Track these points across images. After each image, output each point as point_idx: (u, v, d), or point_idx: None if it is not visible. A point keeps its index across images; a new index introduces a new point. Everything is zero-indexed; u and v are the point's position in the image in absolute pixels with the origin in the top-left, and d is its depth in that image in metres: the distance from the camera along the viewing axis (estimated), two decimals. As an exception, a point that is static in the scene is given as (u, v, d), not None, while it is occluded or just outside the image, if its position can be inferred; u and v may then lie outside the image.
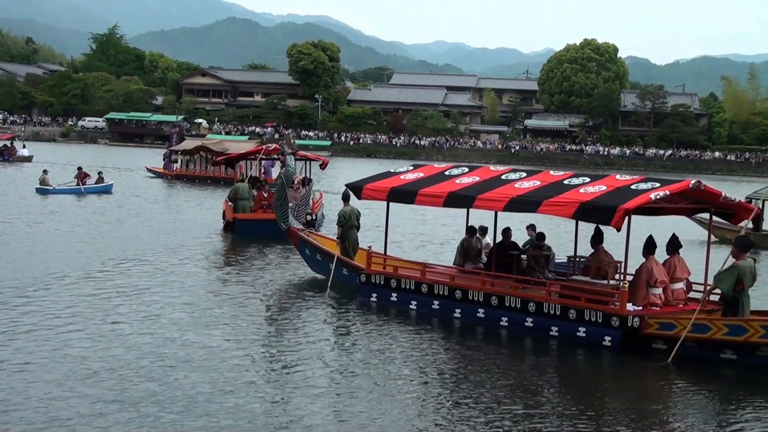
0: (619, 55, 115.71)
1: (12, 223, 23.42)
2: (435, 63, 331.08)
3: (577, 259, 14.78)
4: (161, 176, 46.27)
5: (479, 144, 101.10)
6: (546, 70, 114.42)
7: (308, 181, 27.86)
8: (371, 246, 15.64)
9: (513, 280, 13.60)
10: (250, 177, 27.77)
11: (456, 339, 12.71)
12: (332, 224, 21.00)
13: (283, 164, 17.65)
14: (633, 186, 12.45)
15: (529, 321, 12.84)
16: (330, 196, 31.57)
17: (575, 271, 14.39)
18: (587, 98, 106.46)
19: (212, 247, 21.30)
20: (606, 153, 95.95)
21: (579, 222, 14.16)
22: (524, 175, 13.92)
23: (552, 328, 12.54)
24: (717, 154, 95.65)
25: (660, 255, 13.06)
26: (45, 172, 34.46)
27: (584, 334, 12.17)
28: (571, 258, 14.85)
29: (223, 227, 24.16)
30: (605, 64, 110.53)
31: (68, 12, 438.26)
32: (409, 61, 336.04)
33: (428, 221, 28.74)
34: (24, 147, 55.98)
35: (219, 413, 8.74)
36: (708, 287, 12.53)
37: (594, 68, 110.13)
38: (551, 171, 14.18)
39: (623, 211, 11.62)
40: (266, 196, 24.11)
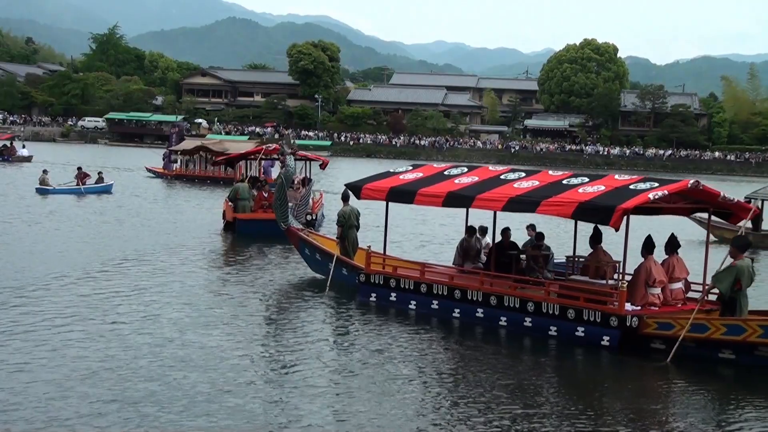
0: (619, 55, 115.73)
1: (12, 223, 23.44)
2: (435, 63, 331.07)
3: (576, 259, 14.80)
4: (161, 176, 46.30)
5: (479, 144, 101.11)
6: (546, 70, 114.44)
7: (308, 181, 27.88)
8: (370, 246, 15.66)
9: (512, 280, 13.63)
10: (250, 177, 27.79)
11: (455, 339, 12.73)
12: (332, 224, 21.02)
13: (283, 164, 17.68)
14: (631, 186, 12.46)
15: (528, 321, 12.86)
16: (330, 196, 31.59)
17: (574, 271, 14.41)
18: (587, 98, 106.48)
19: (212, 247, 21.32)
20: (606, 153, 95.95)
21: (578, 222, 14.18)
22: (523, 175, 13.94)
23: (551, 328, 12.56)
24: (717, 154, 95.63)
25: (659, 255, 13.08)
26: (45, 172, 34.46)
27: (583, 334, 12.19)
28: (570, 258, 14.86)
29: (224, 227, 24.19)
30: (605, 64, 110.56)
31: (68, 12, 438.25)
32: (409, 61, 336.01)
33: (428, 221, 28.76)
34: (24, 147, 55.98)
35: (218, 413, 8.76)
36: (706, 287, 12.55)
37: (594, 68, 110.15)
38: (550, 171, 14.20)
39: (621, 211, 11.64)
40: (266, 196, 24.14)
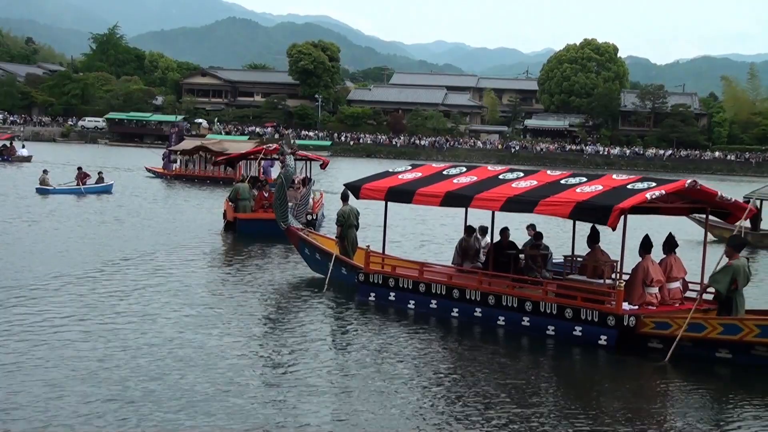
0: (619, 55, 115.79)
1: (12, 223, 23.47)
2: (435, 63, 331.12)
3: (575, 259, 14.82)
4: (160, 176, 46.33)
5: (479, 144, 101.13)
6: (546, 70, 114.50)
7: (308, 181, 27.91)
8: (369, 245, 15.70)
9: (510, 280, 13.66)
10: (251, 177, 27.82)
11: (453, 338, 12.76)
12: (332, 224, 21.05)
13: (283, 164, 17.73)
14: (629, 186, 12.49)
15: (526, 320, 12.90)
16: (330, 196, 31.62)
17: (572, 271, 14.44)
18: (587, 98, 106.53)
19: (212, 247, 21.36)
20: (606, 153, 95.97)
21: (576, 221, 14.21)
22: (521, 175, 13.97)
23: (548, 328, 12.60)
24: (717, 154, 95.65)
25: (657, 254, 13.11)
26: (45, 172, 34.49)
27: (580, 334, 12.22)
28: (568, 257, 14.90)
29: (224, 227, 24.22)
30: (605, 64, 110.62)
31: (68, 12, 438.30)
32: (409, 61, 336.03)
33: (428, 221, 28.79)
34: (23, 147, 56.02)
35: (217, 412, 8.79)
36: (704, 285, 12.57)
37: (594, 68, 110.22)
38: (548, 171, 14.23)
39: (619, 211, 11.67)
40: (266, 196, 24.18)
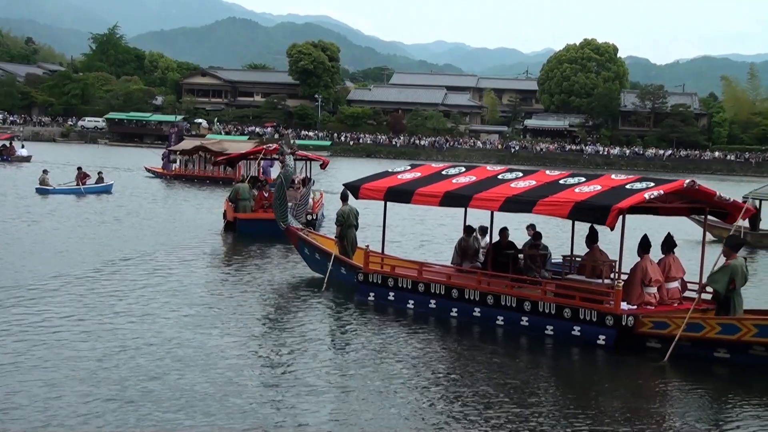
0: (619, 55, 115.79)
1: (12, 223, 23.49)
2: (435, 63, 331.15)
3: (573, 259, 14.84)
4: (160, 176, 46.35)
5: (479, 144, 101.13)
6: (546, 70, 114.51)
7: (308, 181, 27.93)
8: (369, 245, 15.72)
9: (509, 279, 13.68)
10: (251, 177, 27.85)
11: (452, 338, 12.79)
12: (332, 224, 21.08)
13: (283, 164, 17.76)
14: (627, 186, 12.52)
15: (525, 320, 12.92)
16: (330, 196, 31.63)
17: (571, 271, 14.46)
18: (587, 98, 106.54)
19: (212, 247, 21.38)
20: (606, 153, 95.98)
21: (576, 221, 14.23)
22: (520, 175, 14.00)
23: (547, 327, 12.62)
24: (717, 154, 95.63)
25: (656, 254, 13.13)
26: (45, 172, 34.50)
27: (579, 333, 12.25)
28: (567, 257, 14.92)
29: (224, 227, 24.24)
30: (605, 64, 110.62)
31: (68, 12, 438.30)
32: (409, 61, 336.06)
33: (428, 221, 28.82)
34: (23, 147, 56.04)
35: (217, 412, 8.81)
36: (702, 286, 12.59)
37: (594, 68, 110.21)
38: (547, 171, 14.25)
39: (617, 211, 11.69)
40: (266, 196, 24.20)
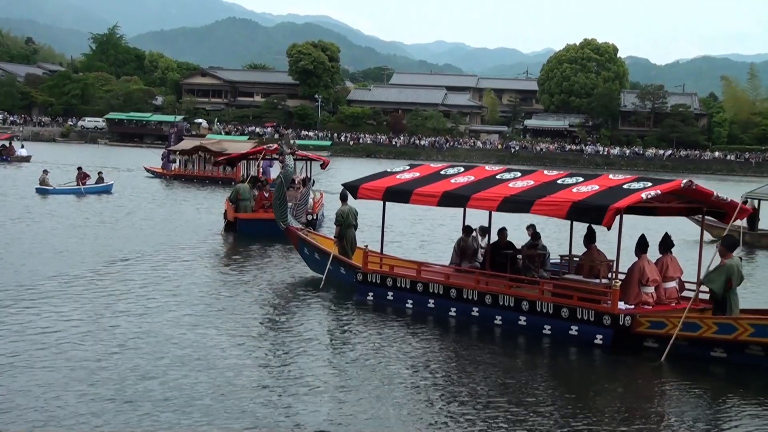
0: (619, 55, 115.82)
1: (12, 223, 23.52)
2: (435, 63, 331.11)
3: (572, 258, 14.87)
4: (160, 176, 46.38)
5: (479, 144, 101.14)
6: (546, 70, 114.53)
7: (308, 181, 27.96)
8: (368, 245, 15.77)
9: (507, 279, 13.73)
10: (251, 177, 27.88)
11: (450, 337, 12.84)
12: (332, 224, 21.12)
13: (283, 164, 17.81)
14: (625, 185, 12.56)
15: (523, 319, 12.97)
16: (330, 196, 31.67)
17: (569, 270, 14.50)
18: (587, 98, 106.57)
19: (213, 247, 21.42)
20: (606, 153, 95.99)
21: (574, 221, 14.26)
22: (518, 175, 14.03)
23: (545, 327, 12.67)
24: (717, 154, 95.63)
25: (654, 254, 13.17)
26: (45, 172, 34.53)
27: (576, 333, 12.29)
28: (565, 257, 14.96)
29: (224, 227, 24.28)
30: (605, 64, 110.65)
31: (68, 12, 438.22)
32: (409, 61, 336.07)
33: (428, 221, 28.84)
34: (22, 147, 56.05)
35: (216, 412, 8.84)
36: (699, 286, 12.64)
37: (594, 68, 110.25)
38: (545, 171, 14.29)
39: (614, 211, 11.73)
40: (267, 196, 24.24)
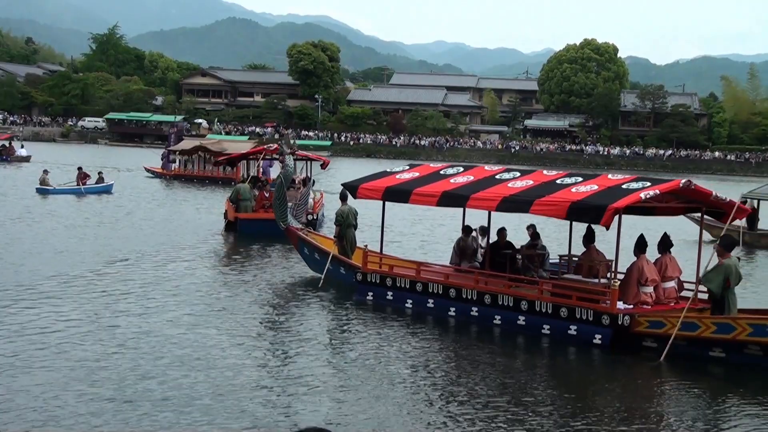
0: (619, 55, 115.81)
1: (12, 223, 23.54)
2: (435, 63, 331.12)
3: (571, 258, 14.89)
4: (159, 176, 46.40)
5: (479, 144, 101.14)
6: (546, 70, 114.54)
7: (308, 181, 27.97)
8: (367, 245, 15.79)
9: (506, 279, 13.75)
10: (251, 177, 27.89)
11: (450, 337, 12.86)
12: (333, 223, 21.15)
13: (283, 164, 17.84)
14: (624, 185, 12.57)
15: (522, 319, 12.99)
16: (330, 196, 31.68)
17: (568, 270, 14.52)
18: (587, 98, 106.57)
19: (213, 247, 21.43)
20: (606, 153, 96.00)
21: (573, 221, 14.27)
22: (518, 175, 14.05)
23: (544, 327, 12.68)
24: (717, 154, 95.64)
25: (652, 254, 13.18)
26: (45, 172, 34.55)
27: (575, 332, 12.31)
28: (564, 257, 14.97)
29: (225, 227, 24.30)
30: (605, 64, 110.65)
31: (68, 12, 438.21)
32: (409, 61, 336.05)
33: (428, 221, 28.85)
34: (22, 147, 56.06)
35: (216, 412, 8.85)
36: (698, 285, 12.67)
37: (594, 68, 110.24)
38: (544, 171, 14.31)
39: (613, 210, 11.75)
40: (267, 196, 24.25)
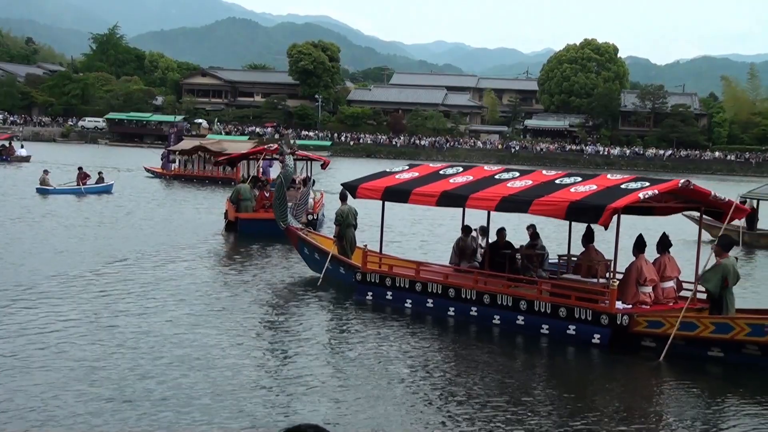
0: (619, 55, 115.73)
1: (12, 223, 23.55)
2: (435, 63, 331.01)
3: (570, 258, 14.90)
4: (159, 176, 46.40)
5: (479, 144, 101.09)
6: (546, 70, 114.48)
7: (308, 181, 27.96)
8: (366, 245, 15.80)
9: (505, 279, 13.76)
10: (252, 177, 27.89)
11: (449, 337, 12.88)
12: (333, 223, 21.16)
13: (283, 164, 17.86)
14: (623, 185, 12.59)
15: (521, 319, 13.00)
16: (330, 196, 31.68)
17: (568, 270, 14.53)
18: (587, 98, 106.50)
19: (213, 247, 21.44)
20: (606, 153, 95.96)
21: (572, 221, 14.29)
22: (517, 175, 14.06)
23: (543, 326, 12.70)
24: (717, 154, 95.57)
25: (651, 254, 13.19)
26: (45, 172, 34.53)
27: (574, 332, 12.32)
28: (563, 257, 14.98)
29: (225, 226, 24.31)
30: (605, 64, 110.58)
31: (68, 12, 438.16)
32: (409, 61, 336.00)
33: (428, 221, 28.85)
34: (22, 147, 56.05)
35: (215, 411, 8.88)
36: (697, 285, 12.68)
37: (594, 68, 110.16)
38: (544, 171, 14.33)
39: (611, 210, 11.77)
40: (268, 196, 24.25)
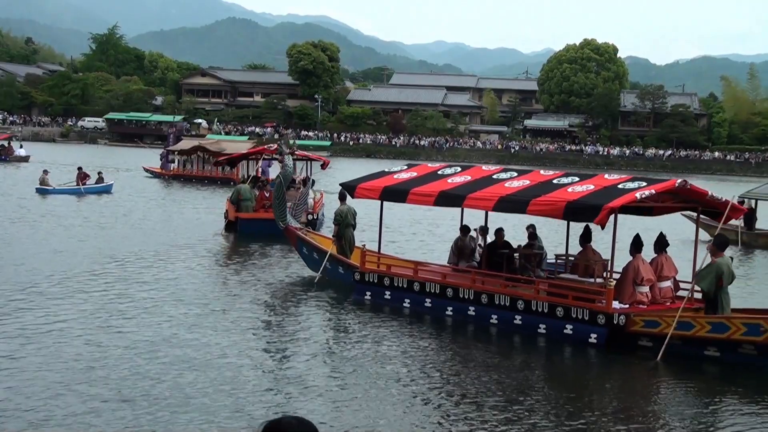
0: (619, 55, 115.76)
1: (12, 223, 23.58)
2: (435, 63, 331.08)
3: (568, 258, 14.94)
4: (158, 176, 46.43)
5: (479, 144, 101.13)
6: (546, 70, 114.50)
7: (308, 181, 28.00)
8: (365, 245, 15.83)
9: (503, 279, 13.79)
10: (252, 177, 27.91)
11: (447, 337, 12.91)
12: (332, 223, 21.20)
13: (282, 164, 17.89)
14: (620, 185, 12.63)
15: (518, 319, 13.04)
16: (330, 196, 31.71)
17: (564, 270, 14.57)
18: (587, 98, 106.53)
19: (213, 247, 21.46)
20: (606, 153, 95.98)
21: (570, 221, 14.32)
22: (515, 175, 14.10)
23: (540, 326, 12.74)
24: (717, 154, 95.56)
25: (649, 254, 13.23)
26: (45, 172, 34.57)
27: (571, 332, 12.36)
28: (560, 256, 15.01)
29: (225, 226, 24.34)
30: (605, 64, 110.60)
31: (68, 12, 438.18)
32: (409, 61, 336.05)
33: (427, 221, 28.89)
34: (21, 147, 56.12)
35: (215, 411, 8.90)
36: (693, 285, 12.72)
37: (594, 68, 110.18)
38: (541, 170, 14.36)
39: (608, 210, 11.81)
40: (267, 196, 24.28)
